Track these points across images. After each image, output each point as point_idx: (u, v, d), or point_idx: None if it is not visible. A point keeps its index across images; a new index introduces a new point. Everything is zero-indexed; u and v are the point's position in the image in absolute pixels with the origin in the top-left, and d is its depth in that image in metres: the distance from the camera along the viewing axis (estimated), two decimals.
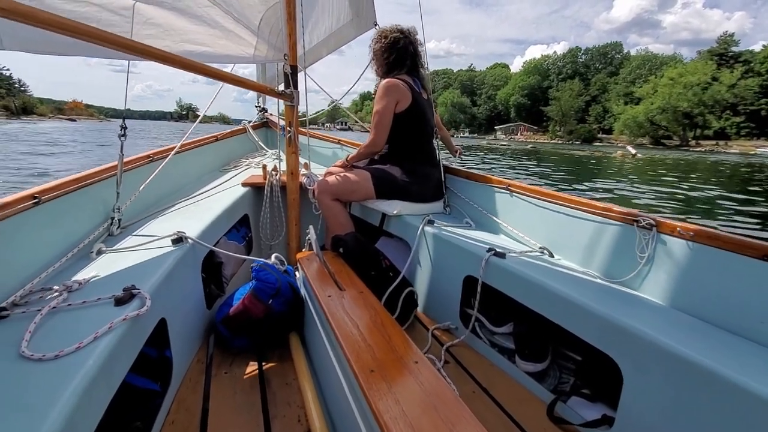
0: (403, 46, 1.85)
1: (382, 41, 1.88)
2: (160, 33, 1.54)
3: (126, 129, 1.36)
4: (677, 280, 1.12)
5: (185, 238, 1.25)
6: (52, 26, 0.79)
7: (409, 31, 1.89)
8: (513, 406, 1.16)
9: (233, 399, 1.11)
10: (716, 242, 1.05)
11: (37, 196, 1.02)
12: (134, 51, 1.03)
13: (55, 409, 0.57)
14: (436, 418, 0.64)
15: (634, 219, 1.23)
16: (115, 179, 1.34)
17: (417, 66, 1.91)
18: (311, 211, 2.04)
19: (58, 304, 0.84)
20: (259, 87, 2.08)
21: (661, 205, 7.77)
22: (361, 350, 0.82)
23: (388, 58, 1.87)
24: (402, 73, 1.87)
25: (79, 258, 1.12)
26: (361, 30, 2.55)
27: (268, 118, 3.24)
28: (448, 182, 1.98)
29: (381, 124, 1.79)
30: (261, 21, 1.87)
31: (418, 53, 1.91)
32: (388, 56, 1.86)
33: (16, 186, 6.37)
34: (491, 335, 1.42)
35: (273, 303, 1.30)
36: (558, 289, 1.13)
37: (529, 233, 1.60)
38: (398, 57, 1.85)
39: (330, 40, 2.53)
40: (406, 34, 1.88)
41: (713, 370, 0.79)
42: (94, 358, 0.69)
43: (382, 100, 1.78)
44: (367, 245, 1.55)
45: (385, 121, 1.79)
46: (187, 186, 2.03)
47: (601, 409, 1.07)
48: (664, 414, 0.88)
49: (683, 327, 1.00)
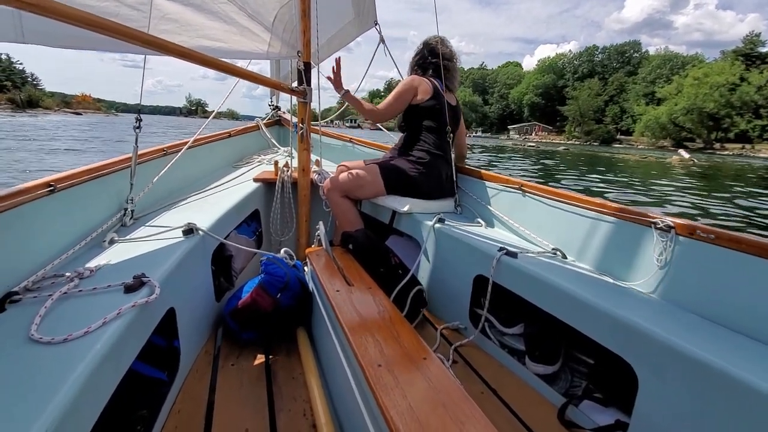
0: (421, 55, 1.99)
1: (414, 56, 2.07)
2: (176, 28, 1.56)
3: (141, 121, 1.38)
4: (696, 284, 1.08)
5: (196, 230, 1.26)
6: (72, 20, 0.80)
7: (428, 42, 2.01)
8: (522, 408, 1.13)
9: (239, 391, 1.12)
10: (739, 245, 1.00)
11: (52, 184, 1.04)
12: (153, 46, 1.04)
13: (61, 391, 0.58)
14: (444, 415, 0.63)
15: (652, 221, 1.19)
16: (128, 171, 1.36)
17: (436, 65, 1.94)
18: (322, 208, 2.04)
19: (69, 290, 0.85)
20: (273, 83, 2.09)
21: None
22: (369, 345, 0.82)
23: (413, 64, 2.04)
24: (427, 75, 1.95)
25: (92, 246, 1.14)
26: (362, 29, 2.58)
27: (281, 116, 3.26)
28: (460, 181, 1.96)
29: (392, 105, 1.90)
30: (275, 18, 1.88)
31: (437, 53, 1.94)
32: (413, 63, 2.04)
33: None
34: (501, 336, 1.40)
35: (281, 297, 1.30)
36: (572, 290, 1.10)
37: (541, 234, 1.57)
38: (417, 64, 2.00)
39: (335, 39, 2.55)
40: (426, 43, 2.01)
41: (735, 376, 0.76)
42: (102, 342, 0.70)
43: (401, 86, 1.91)
44: (377, 242, 1.54)
45: (397, 103, 1.90)
46: (199, 180, 2.06)
47: (614, 414, 1.04)
48: (682, 420, 0.85)
49: (703, 332, 0.96)
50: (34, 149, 11.40)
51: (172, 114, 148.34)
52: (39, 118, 37.00)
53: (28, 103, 53.13)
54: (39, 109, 53.44)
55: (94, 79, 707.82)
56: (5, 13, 1.11)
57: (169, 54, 1.11)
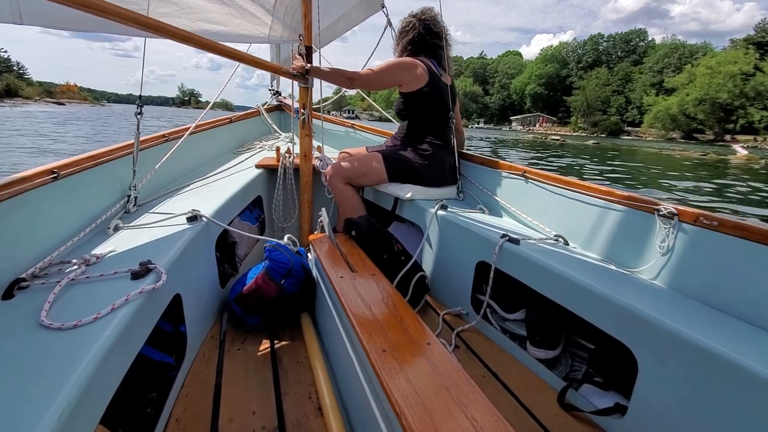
0: (414, 30, 1.82)
1: (399, 26, 1.88)
2: (176, 11, 1.53)
3: (142, 107, 1.37)
4: (699, 271, 1.09)
5: (200, 217, 1.26)
6: (70, 2, 0.78)
7: (423, 13, 1.85)
8: (523, 391, 1.15)
9: (246, 375, 1.13)
10: (742, 233, 1.00)
11: (55, 171, 1.04)
12: (152, 29, 1.02)
13: (73, 376, 0.59)
14: (448, 398, 0.64)
15: (655, 207, 1.19)
16: (130, 158, 1.36)
17: (433, 46, 1.85)
18: (324, 195, 2.04)
19: (76, 277, 0.85)
20: (274, 67, 2.06)
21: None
22: (373, 330, 0.82)
23: (403, 43, 1.87)
24: (420, 55, 1.83)
25: (97, 233, 1.14)
26: (369, 11, 2.53)
27: (281, 101, 3.23)
28: (462, 168, 1.95)
29: (379, 79, 1.78)
30: (276, 0, 1.85)
31: (434, 32, 1.84)
32: (401, 40, 1.87)
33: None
34: (502, 321, 1.41)
35: (285, 283, 1.31)
36: (574, 276, 1.10)
37: (543, 220, 1.57)
38: (411, 41, 1.84)
39: (340, 22, 2.50)
40: (419, 17, 1.84)
41: (735, 362, 0.77)
42: (111, 328, 0.71)
43: (396, 66, 1.78)
44: (380, 229, 1.54)
45: (386, 79, 1.78)
46: (201, 167, 2.05)
47: (613, 397, 1.05)
48: (680, 404, 0.86)
49: (704, 318, 0.97)
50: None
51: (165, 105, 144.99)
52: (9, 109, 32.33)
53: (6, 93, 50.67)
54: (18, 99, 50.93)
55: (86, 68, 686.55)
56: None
57: (169, 37, 1.09)
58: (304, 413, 1.01)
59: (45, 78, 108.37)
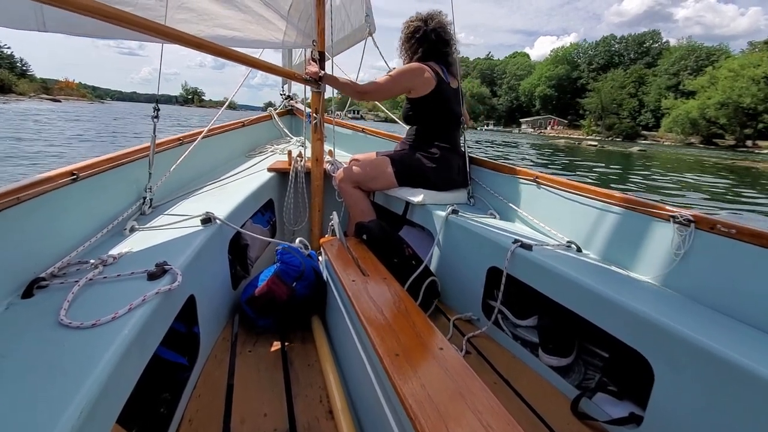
0: (423, 34, 1.81)
1: (405, 31, 1.87)
2: (193, 18, 1.56)
3: (158, 111, 1.40)
4: (716, 279, 1.06)
5: (214, 219, 1.28)
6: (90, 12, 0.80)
7: (431, 18, 1.83)
8: (535, 399, 1.14)
9: (257, 376, 1.14)
10: (760, 240, 0.98)
11: (75, 173, 1.06)
12: (168, 37, 1.04)
13: (92, 375, 0.60)
14: (463, 405, 0.63)
15: (671, 215, 1.17)
16: (146, 160, 1.38)
17: (443, 53, 1.85)
18: (335, 198, 2.05)
19: (94, 277, 0.87)
20: (288, 73, 2.09)
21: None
22: (386, 334, 0.82)
23: (410, 48, 1.86)
24: (429, 60, 1.83)
25: (113, 234, 1.16)
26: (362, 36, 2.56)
27: (293, 106, 3.26)
28: (473, 173, 1.94)
29: (389, 89, 1.78)
30: (291, 6, 1.87)
31: (445, 40, 1.84)
32: (409, 46, 1.86)
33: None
34: (514, 328, 1.40)
35: (297, 286, 1.32)
36: (588, 282, 1.09)
37: (556, 226, 1.55)
38: (419, 46, 1.83)
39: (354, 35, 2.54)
40: (427, 21, 1.83)
41: (754, 372, 0.75)
42: (129, 328, 0.72)
43: (404, 74, 1.77)
44: (391, 233, 1.55)
45: (395, 88, 1.78)
46: (214, 169, 2.08)
47: (628, 407, 1.04)
48: (698, 415, 0.84)
49: (721, 327, 0.95)
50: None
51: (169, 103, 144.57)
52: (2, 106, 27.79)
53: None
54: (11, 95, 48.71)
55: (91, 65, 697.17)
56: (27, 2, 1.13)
57: (185, 45, 1.11)
58: (315, 416, 1.01)
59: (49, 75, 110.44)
